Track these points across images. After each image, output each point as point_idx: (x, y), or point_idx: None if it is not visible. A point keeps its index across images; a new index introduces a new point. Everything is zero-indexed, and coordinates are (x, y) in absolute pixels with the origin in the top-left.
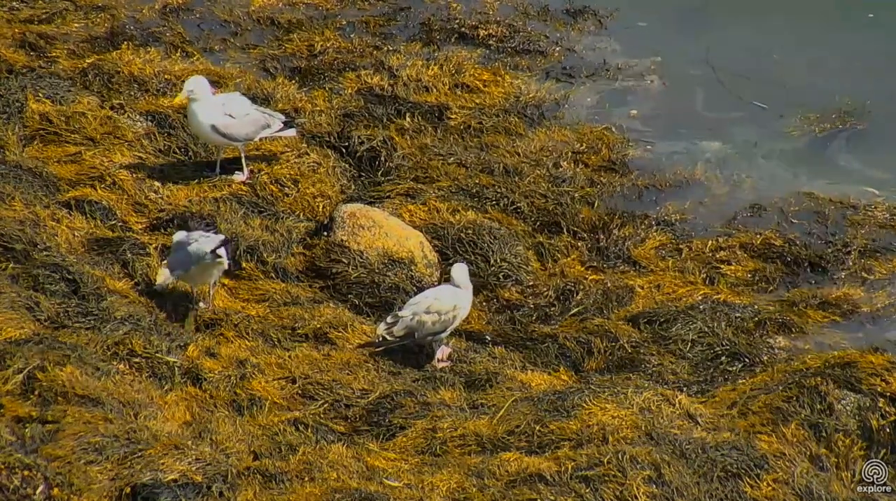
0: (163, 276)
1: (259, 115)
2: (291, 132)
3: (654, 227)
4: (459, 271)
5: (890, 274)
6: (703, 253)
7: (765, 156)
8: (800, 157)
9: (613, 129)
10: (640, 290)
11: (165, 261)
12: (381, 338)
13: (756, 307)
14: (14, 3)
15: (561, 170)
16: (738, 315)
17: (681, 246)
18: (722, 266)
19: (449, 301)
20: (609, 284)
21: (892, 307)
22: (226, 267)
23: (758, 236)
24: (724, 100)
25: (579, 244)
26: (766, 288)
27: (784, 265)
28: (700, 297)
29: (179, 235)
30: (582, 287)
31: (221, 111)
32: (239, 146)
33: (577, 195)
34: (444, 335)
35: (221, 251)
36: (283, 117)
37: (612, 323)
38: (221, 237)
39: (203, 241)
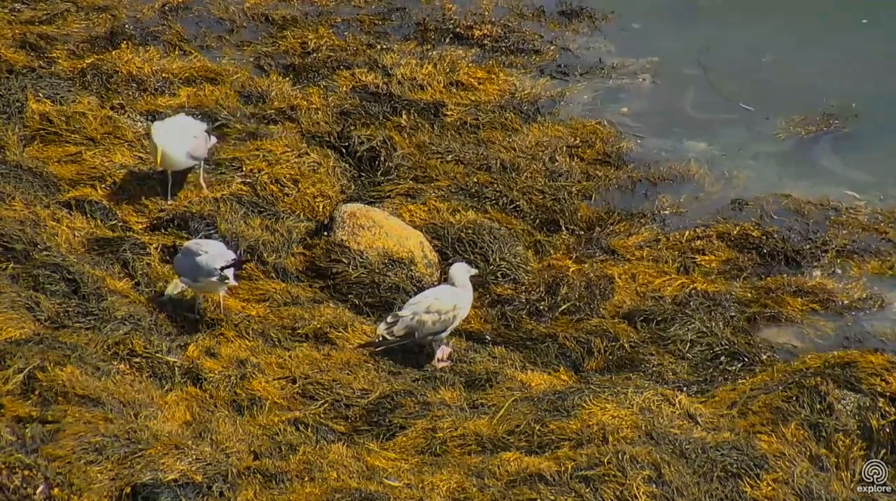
0: (175, 282)
1: (200, 128)
2: (212, 140)
3: (647, 225)
4: (457, 270)
5: (865, 274)
6: (680, 242)
7: (751, 156)
8: (786, 159)
9: (606, 123)
10: (618, 280)
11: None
12: (381, 338)
13: (733, 295)
14: (16, 5)
15: (557, 164)
16: (732, 314)
17: (659, 237)
18: (697, 256)
19: (449, 300)
20: (591, 275)
21: (871, 299)
22: (230, 285)
23: (735, 227)
24: (714, 101)
25: (572, 240)
26: (737, 274)
27: (759, 256)
28: (679, 286)
29: (191, 243)
30: (566, 280)
31: (188, 136)
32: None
33: (573, 190)
34: (444, 335)
35: (229, 271)
36: (205, 125)
37: (611, 322)
38: (234, 257)
39: (214, 256)
